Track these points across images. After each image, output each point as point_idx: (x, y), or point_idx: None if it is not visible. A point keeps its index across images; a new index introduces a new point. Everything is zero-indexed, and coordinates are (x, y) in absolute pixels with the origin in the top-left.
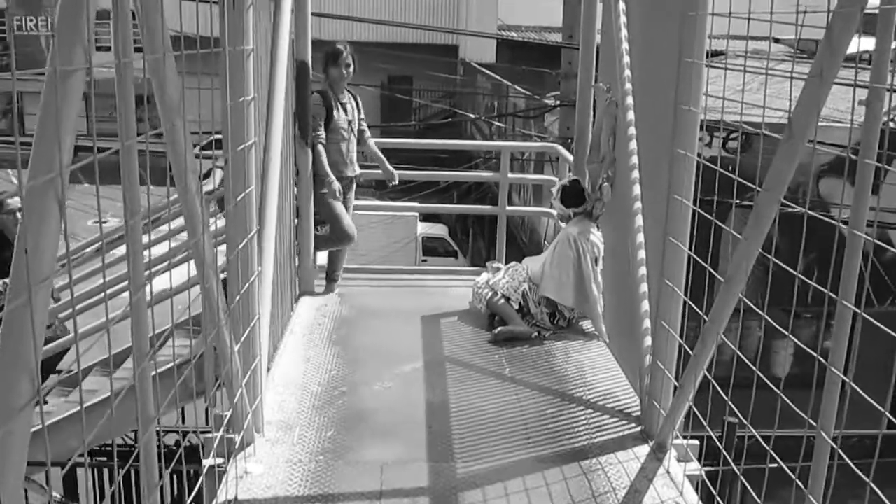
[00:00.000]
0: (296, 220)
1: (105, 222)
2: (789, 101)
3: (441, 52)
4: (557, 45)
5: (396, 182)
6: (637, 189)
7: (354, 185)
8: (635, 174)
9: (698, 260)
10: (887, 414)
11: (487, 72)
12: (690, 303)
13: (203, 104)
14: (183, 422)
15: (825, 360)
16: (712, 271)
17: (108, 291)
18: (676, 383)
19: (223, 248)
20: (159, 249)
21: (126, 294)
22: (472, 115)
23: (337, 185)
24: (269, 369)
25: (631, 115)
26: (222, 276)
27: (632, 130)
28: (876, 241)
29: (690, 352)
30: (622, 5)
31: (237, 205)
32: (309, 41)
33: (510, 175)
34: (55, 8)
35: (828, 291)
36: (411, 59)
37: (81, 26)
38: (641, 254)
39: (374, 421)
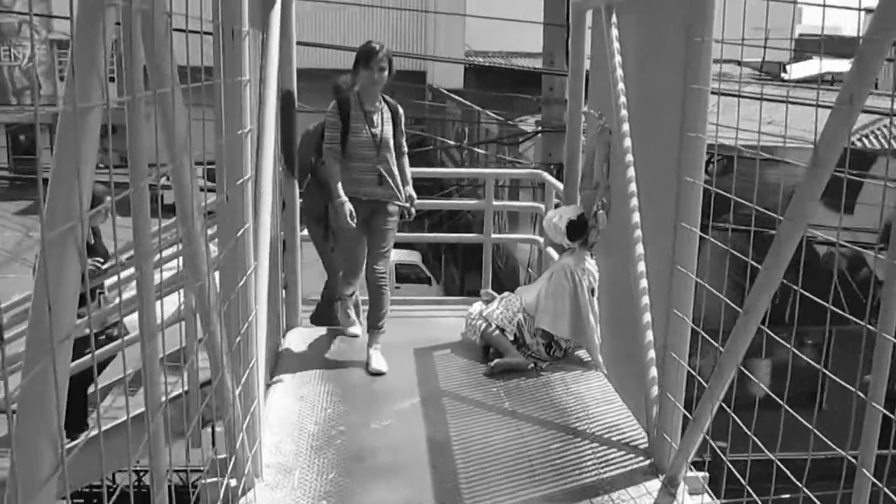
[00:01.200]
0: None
1: None
2: (814, 132)
3: (408, 79)
4: (534, 71)
5: (411, 216)
6: (636, 217)
7: (387, 212)
8: (634, 202)
9: (710, 289)
10: None
11: (457, 97)
12: (703, 333)
13: (199, 137)
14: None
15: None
16: (728, 301)
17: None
18: (689, 415)
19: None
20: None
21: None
22: (452, 143)
23: (349, 208)
24: None
25: (628, 143)
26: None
27: (629, 158)
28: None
29: (705, 383)
30: (615, 32)
31: (235, 242)
32: (294, 70)
33: (495, 203)
34: (18, 38)
35: (863, 322)
36: None
37: (98, 58)
38: (643, 283)
39: (376, 461)
